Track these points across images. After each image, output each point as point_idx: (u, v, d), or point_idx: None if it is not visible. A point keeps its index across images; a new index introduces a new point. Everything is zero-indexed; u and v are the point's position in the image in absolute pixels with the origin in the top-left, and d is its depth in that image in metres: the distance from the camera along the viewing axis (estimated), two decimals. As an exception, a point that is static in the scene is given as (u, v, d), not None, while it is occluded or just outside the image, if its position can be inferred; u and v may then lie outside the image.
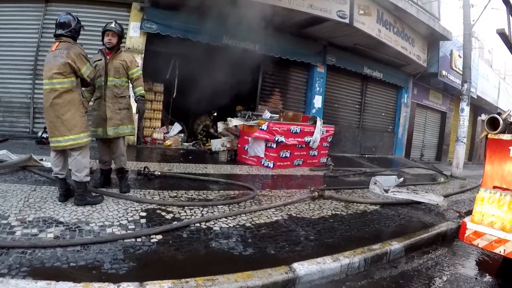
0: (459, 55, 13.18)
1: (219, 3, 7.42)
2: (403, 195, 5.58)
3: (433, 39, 12.29)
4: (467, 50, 10.27)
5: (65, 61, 3.58)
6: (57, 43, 3.72)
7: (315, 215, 4.32)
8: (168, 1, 7.91)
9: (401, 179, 6.96)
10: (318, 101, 10.80)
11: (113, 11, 8.19)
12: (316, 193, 5.03)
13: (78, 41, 3.87)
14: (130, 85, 4.46)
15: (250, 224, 3.73)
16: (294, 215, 4.22)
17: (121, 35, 4.36)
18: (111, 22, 4.31)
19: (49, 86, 3.62)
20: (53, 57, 3.63)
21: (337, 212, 4.55)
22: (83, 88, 3.95)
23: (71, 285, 2.25)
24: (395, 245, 3.62)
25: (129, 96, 4.47)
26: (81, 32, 3.93)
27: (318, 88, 10.77)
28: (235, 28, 8.26)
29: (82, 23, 3.93)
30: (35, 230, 3.05)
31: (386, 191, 5.81)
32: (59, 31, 3.73)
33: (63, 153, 3.78)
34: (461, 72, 11.19)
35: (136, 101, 4.47)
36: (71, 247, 2.79)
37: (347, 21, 8.78)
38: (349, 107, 12.32)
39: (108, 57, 4.26)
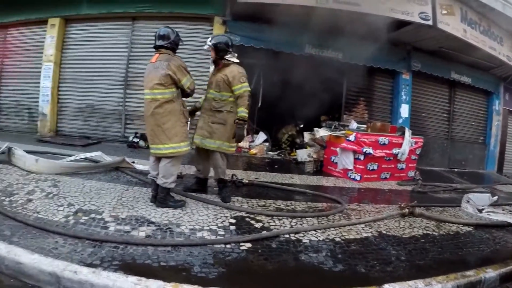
0: (554, 52, 11.59)
1: (300, 13, 7.49)
2: (499, 216, 5.10)
3: (523, 36, 10.86)
4: None
5: (166, 73, 3.75)
6: (157, 55, 3.91)
7: (406, 233, 4.17)
8: (249, 13, 8.15)
9: (495, 197, 6.36)
10: (404, 110, 10.26)
11: (196, 25, 8.70)
12: (407, 210, 4.80)
13: None
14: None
15: (339, 239, 3.70)
16: (384, 232, 4.12)
17: (219, 48, 4.30)
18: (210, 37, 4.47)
19: (150, 96, 3.84)
20: (154, 69, 3.82)
21: (428, 232, 4.33)
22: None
23: (161, 283, 2.37)
24: (490, 273, 3.32)
25: (230, 112, 4.35)
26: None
27: (404, 97, 10.26)
28: (317, 37, 8.37)
29: None
30: (127, 227, 3.29)
31: (480, 210, 5.35)
32: (159, 42, 3.92)
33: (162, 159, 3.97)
34: (558, 71, 9.83)
35: (235, 124, 4.29)
36: (162, 247, 2.96)
37: (430, 23, 8.32)
38: (436, 116, 11.49)
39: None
